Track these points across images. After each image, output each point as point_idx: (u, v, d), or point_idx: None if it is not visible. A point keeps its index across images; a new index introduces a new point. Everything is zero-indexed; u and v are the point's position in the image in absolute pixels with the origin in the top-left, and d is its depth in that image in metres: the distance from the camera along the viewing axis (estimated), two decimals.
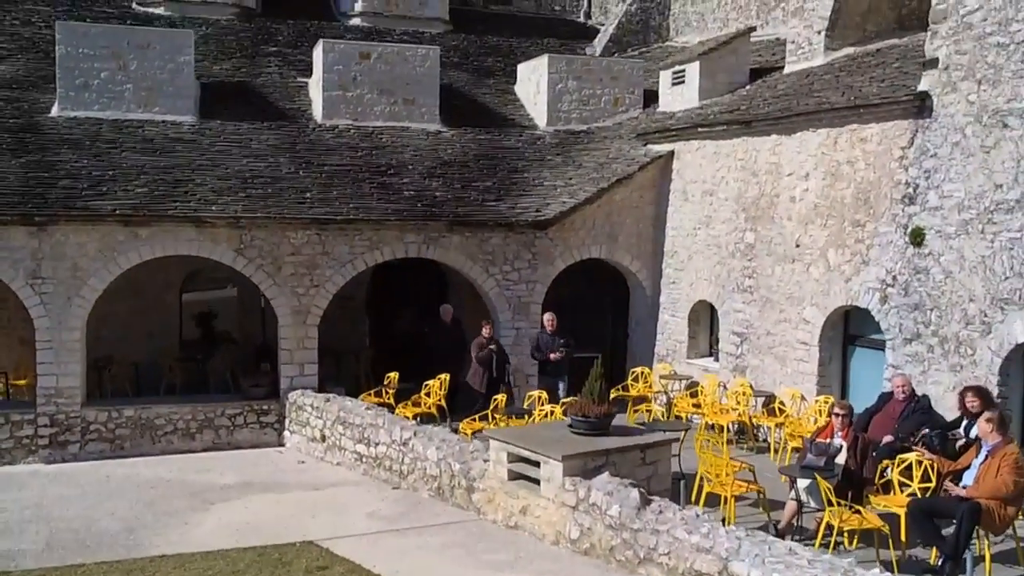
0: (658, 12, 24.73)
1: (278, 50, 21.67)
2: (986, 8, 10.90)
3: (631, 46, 24.53)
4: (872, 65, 14.45)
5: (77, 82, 16.99)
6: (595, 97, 19.66)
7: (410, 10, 24.41)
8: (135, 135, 16.66)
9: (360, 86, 18.44)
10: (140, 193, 14.69)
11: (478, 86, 21.37)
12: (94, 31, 17.20)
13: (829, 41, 16.64)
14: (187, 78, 17.59)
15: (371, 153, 17.33)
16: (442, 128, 18.75)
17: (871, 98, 12.25)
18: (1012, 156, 10.43)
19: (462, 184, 16.64)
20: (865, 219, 12.30)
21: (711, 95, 17.87)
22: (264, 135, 17.38)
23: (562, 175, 17.28)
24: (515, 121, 19.74)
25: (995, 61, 10.72)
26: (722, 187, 15.01)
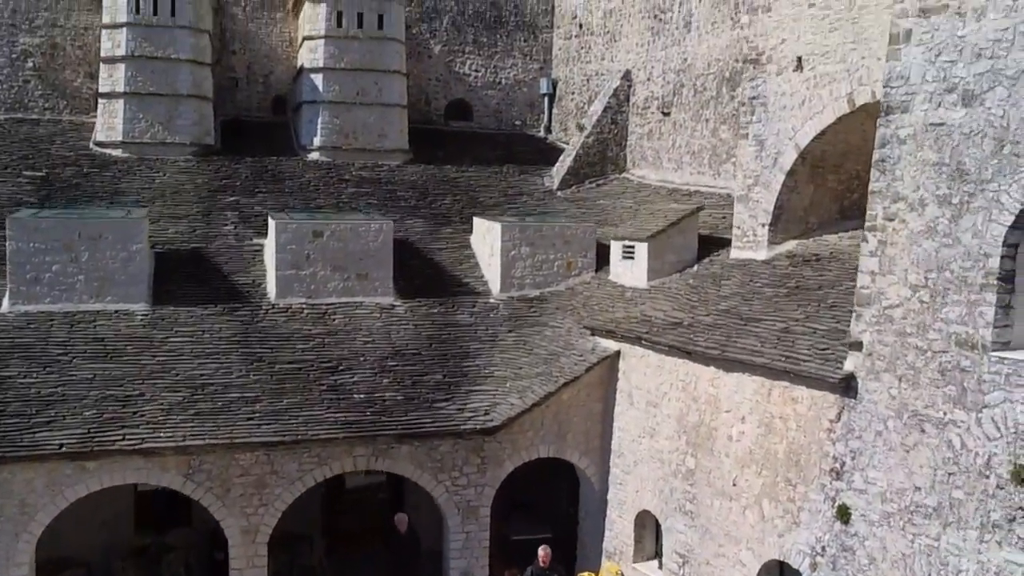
0: (615, 144, 25.03)
1: (236, 199, 21.78)
2: (905, 307, 11.22)
3: (588, 178, 24.84)
4: (811, 287, 14.77)
5: (28, 276, 17.08)
6: (548, 262, 19.92)
7: (369, 143, 24.62)
8: (87, 333, 16.75)
9: (313, 264, 18.60)
10: (88, 418, 14.79)
11: (435, 238, 21.57)
12: (45, 225, 17.25)
13: (772, 235, 17.01)
14: (139, 265, 17.69)
15: (323, 342, 17.49)
16: (395, 302, 18.94)
17: (801, 365, 12.53)
18: (930, 463, 10.75)
19: (413, 380, 16.84)
20: (796, 480, 12.61)
21: (659, 275, 18.23)
22: (217, 324, 17.50)
23: (513, 363, 17.51)
24: (469, 286, 19.95)
25: (914, 363, 11.04)
26: (665, 403, 15.30)
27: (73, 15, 24.88)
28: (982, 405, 10.17)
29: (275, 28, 26.27)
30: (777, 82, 16.70)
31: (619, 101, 24.89)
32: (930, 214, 10.98)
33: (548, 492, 18.64)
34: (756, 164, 17.15)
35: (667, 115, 23.34)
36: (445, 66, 27.90)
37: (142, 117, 23.13)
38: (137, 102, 23.14)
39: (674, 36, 23.17)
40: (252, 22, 26.12)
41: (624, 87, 24.89)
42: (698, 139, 22.12)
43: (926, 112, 11.14)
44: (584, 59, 27.32)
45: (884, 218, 11.60)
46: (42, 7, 24.75)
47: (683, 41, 22.82)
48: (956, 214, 10.67)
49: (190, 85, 23.52)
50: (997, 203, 10.19)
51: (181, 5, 23.42)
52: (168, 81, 23.29)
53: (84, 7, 24.80)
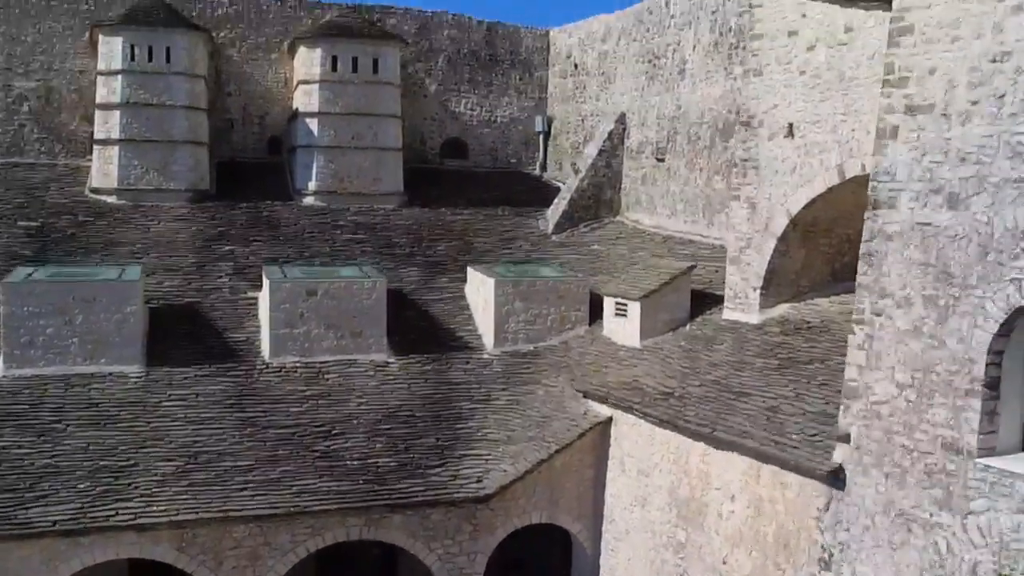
0: (610, 186, 25.07)
1: (231, 249, 21.81)
2: (892, 404, 11.28)
3: (583, 221, 24.89)
4: (802, 359, 14.83)
5: (23, 340, 17.13)
6: (541, 317, 19.98)
7: (364, 187, 24.66)
8: (81, 398, 16.83)
9: (307, 322, 18.66)
10: (82, 491, 14.85)
11: (430, 288, 21.62)
12: (39, 289, 17.31)
13: (764, 299, 17.07)
14: (134, 327, 17.74)
15: (317, 405, 17.56)
16: (389, 359, 19.00)
17: (789, 451, 12.59)
18: (916, 565, 10.82)
19: (406, 444, 16.92)
20: (786, 565, 12.68)
21: (652, 334, 18.29)
22: (211, 386, 17.56)
23: (506, 424, 17.59)
24: (463, 340, 20.01)
25: (901, 461, 11.11)
26: (656, 473, 15.37)
27: (69, 59, 24.91)
28: (967, 511, 10.24)
29: (270, 69, 26.29)
30: (769, 146, 16.76)
31: (613, 144, 24.93)
32: (916, 313, 11.04)
33: (542, 553, 18.69)
34: (748, 226, 17.21)
35: (661, 161, 23.39)
36: (440, 105, 27.94)
37: (137, 164, 23.18)
38: (132, 149, 23.19)
39: (668, 82, 23.22)
40: (247, 63, 26.15)
41: (619, 130, 24.94)
42: (692, 187, 22.17)
43: (912, 211, 11.20)
44: (579, 99, 27.37)
45: (872, 312, 11.66)
46: (38, 51, 24.77)
47: (677, 88, 22.87)
48: (942, 316, 10.73)
49: (185, 131, 23.57)
50: (982, 310, 10.26)
51: (176, 52, 23.47)
52: (163, 128, 23.34)
53: (80, 51, 24.82)
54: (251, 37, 26.14)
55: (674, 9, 23.00)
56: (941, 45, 10.97)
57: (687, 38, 22.50)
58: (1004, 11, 10.24)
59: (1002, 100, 10.19)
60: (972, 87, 10.54)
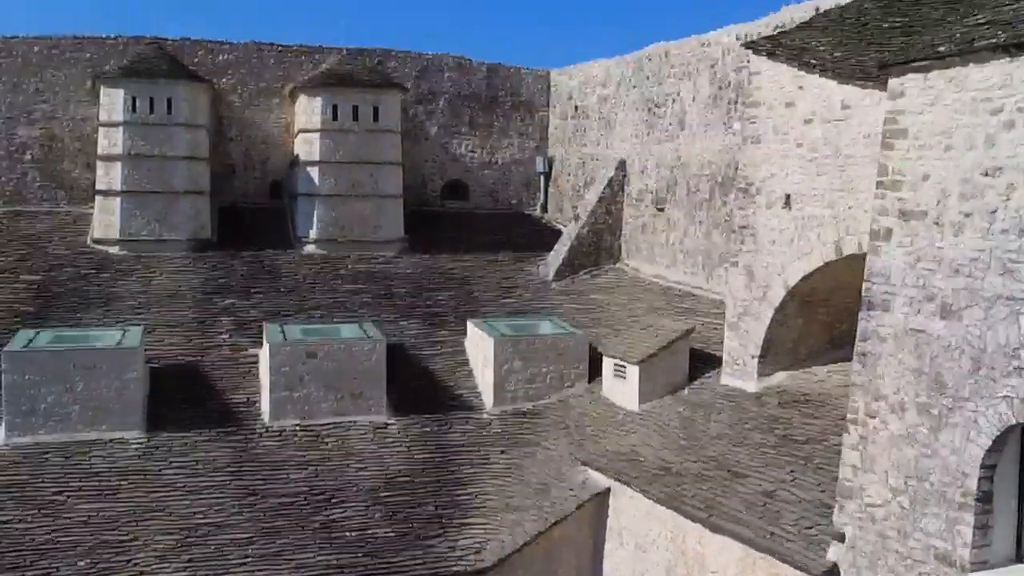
0: (610, 233, 25.12)
1: (231, 302, 21.91)
2: (887, 509, 11.31)
3: (583, 268, 24.95)
4: (799, 438, 14.86)
5: (24, 408, 17.24)
6: (541, 375, 20.04)
7: (365, 234, 24.77)
8: (82, 467, 16.93)
9: (307, 385, 18.74)
10: (82, 569, 14.96)
11: (430, 342, 21.68)
12: (40, 357, 17.41)
13: (762, 367, 17.09)
14: (134, 393, 17.85)
15: (316, 471, 17.64)
16: (389, 420, 19.08)
17: (785, 545, 12.62)
18: None
19: (405, 513, 16.99)
20: None
21: (650, 397, 18.34)
22: (211, 452, 17.66)
23: (505, 491, 17.65)
24: (463, 399, 20.08)
25: (895, 567, 11.14)
26: (654, 550, 15.40)
27: (71, 107, 25.06)
28: None
29: (271, 114, 26.41)
30: (766, 215, 16.77)
31: (614, 191, 24.98)
32: (910, 420, 11.06)
33: None
34: (745, 293, 17.23)
35: (661, 211, 23.43)
36: (441, 147, 28.03)
37: (139, 214, 23.30)
38: (134, 199, 23.32)
39: (668, 132, 23.26)
40: (249, 109, 26.26)
41: (619, 177, 24.98)
42: (691, 239, 22.21)
43: (906, 316, 11.22)
44: (580, 141, 27.43)
45: (865, 413, 11.68)
46: (40, 99, 24.93)
47: (677, 138, 22.91)
48: (935, 426, 10.75)
49: (186, 181, 23.69)
50: (975, 424, 10.27)
51: (177, 103, 23.60)
52: (164, 178, 23.47)
53: (82, 99, 24.97)
54: (252, 83, 26.27)
55: (674, 59, 23.03)
56: (934, 152, 10.99)
57: (686, 89, 22.54)
58: (997, 125, 10.26)
59: (994, 216, 10.21)
60: (964, 199, 10.57)
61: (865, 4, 16.25)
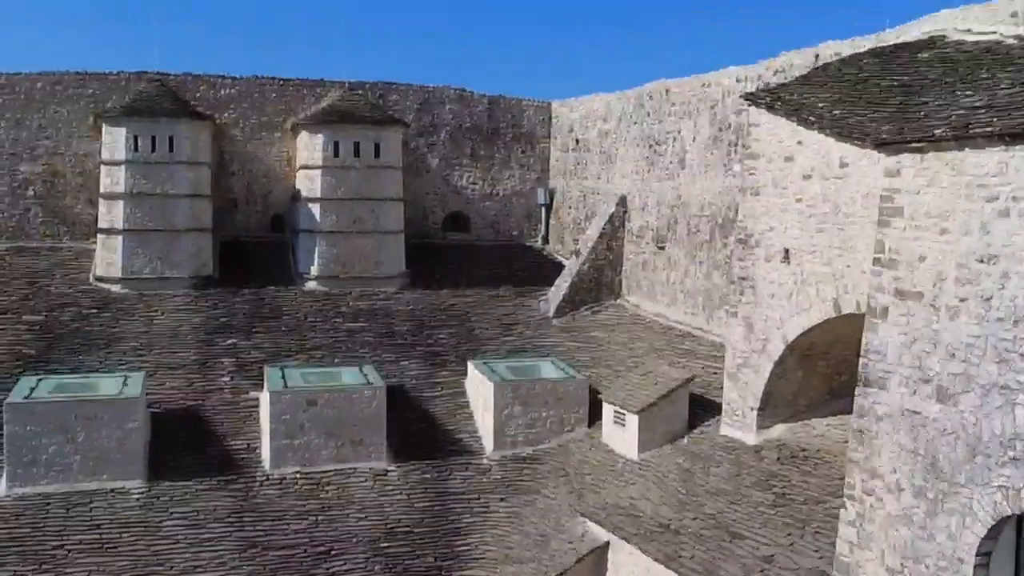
0: (611, 269, 25.13)
1: (233, 343, 21.96)
2: None
3: (584, 304, 24.96)
4: (797, 498, 14.87)
5: (25, 459, 17.30)
6: (541, 420, 20.06)
7: (366, 270, 24.81)
8: (83, 518, 16.99)
9: (307, 432, 18.77)
10: None
11: (430, 383, 21.72)
12: (41, 408, 17.47)
13: (761, 419, 17.09)
14: (135, 443, 17.90)
15: (316, 521, 17.68)
16: (389, 466, 19.11)
17: None
18: None
19: (404, 566, 17.08)
20: None
21: (650, 446, 18.35)
22: (212, 502, 17.70)
23: (504, 541, 17.69)
24: (463, 443, 20.11)
25: None
26: None
27: (73, 142, 25.17)
28: None
29: (273, 148, 26.48)
30: (766, 268, 16.77)
31: (614, 227, 25.00)
32: (906, 501, 11.08)
33: None
34: (745, 345, 17.23)
35: (662, 248, 23.44)
36: (443, 179, 28.07)
37: (141, 252, 23.38)
38: (136, 238, 23.40)
39: (668, 170, 23.27)
40: (250, 143, 26.33)
41: (619, 213, 25.00)
42: (691, 279, 22.22)
43: (902, 396, 11.24)
44: (581, 175, 27.46)
45: (862, 491, 11.70)
46: (42, 135, 25.03)
47: (677, 176, 22.91)
48: (931, 510, 10.76)
49: (188, 219, 23.77)
50: (971, 511, 10.28)
51: (179, 141, 23.68)
52: (166, 216, 23.55)
53: (84, 134, 25.07)
54: (254, 116, 26.34)
55: (674, 97, 23.04)
56: (930, 234, 11.01)
57: (687, 128, 22.54)
58: (991, 213, 10.28)
59: (989, 303, 10.22)
60: (960, 283, 10.58)
61: (864, 59, 16.27)
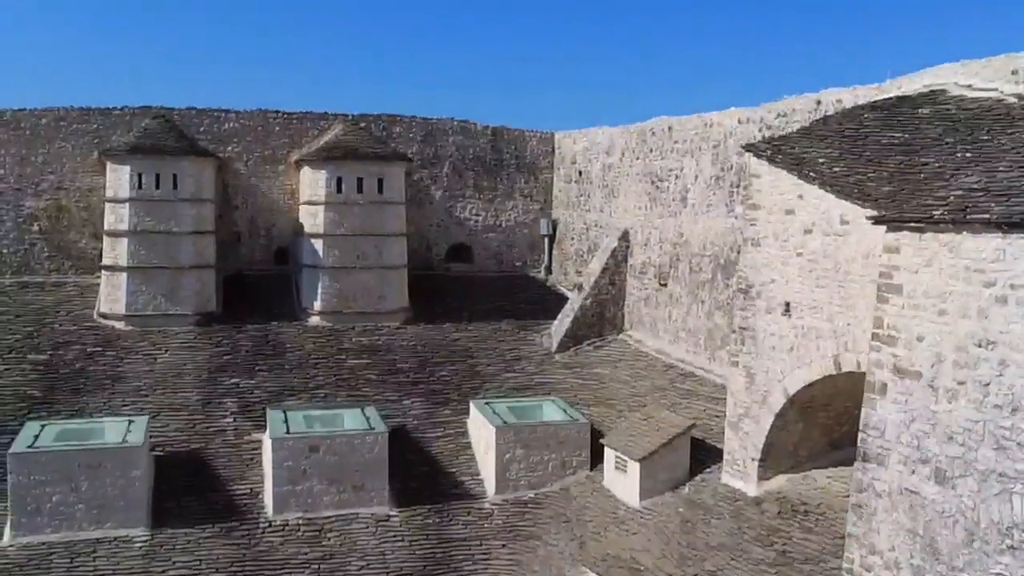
0: (613, 303, 25.16)
1: (235, 382, 22.03)
2: None
3: (586, 339, 24.99)
4: (797, 556, 14.88)
5: (30, 508, 17.39)
6: (543, 463, 20.10)
7: (369, 305, 24.87)
8: (86, 568, 17.08)
9: (310, 478, 18.83)
10: None
11: (433, 423, 21.77)
12: (45, 458, 17.55)
13: (762, 471, 17.09)
14: (139, 491, 17.97)
15: (319, 570, 17.73)
16: (391, 511, 19.16)
17: None
18: None
19: None
20: None
21: (651, 493, 18.36)
22: (215, 550, 17.77)
23: None
24: (465, 486, 20.15)
25: None
26: None
27: (78, 177, 25.28)
28: None
29: (276, 181, 26.56)
30: (767, 320, 16.77)
31: (617, 262, 25.03)
32: None
33: None
34: (746, 395, 17.24)
35: (664, 286, 23.46)
36: (446, 211, 28.13)
37: (145, 289, 23.48)
38: (140, 275, 23.50)
39: (670, 207, 23.27)
40: (254, 176, 26.42)
41: (622, 248, 25.03)
42: (693, 318, 22.23)
43: (901, 474, 11.24)
44: (584, 207, 27.48)
45: (861, 566, 11.71)
46: (47, 171, 25.15)
47: (679, 214, 22.92)
48: None
49: (192, 256, 23.86)
50: None
51: (183, 178, 23.77)
52: (170, 254, 23.64)
53: (89, 169, 25.17)
54: (258, 150, 26.43)
55: (676, 135, 23.05)
56: (928, 314, 11.01)
57: (689, 166, 22.55)
58: (989, 298, 10.27)
59: (987, 388, 10.22)
60: (959, 366, 10.58)
61: (865, 113, 16.27)
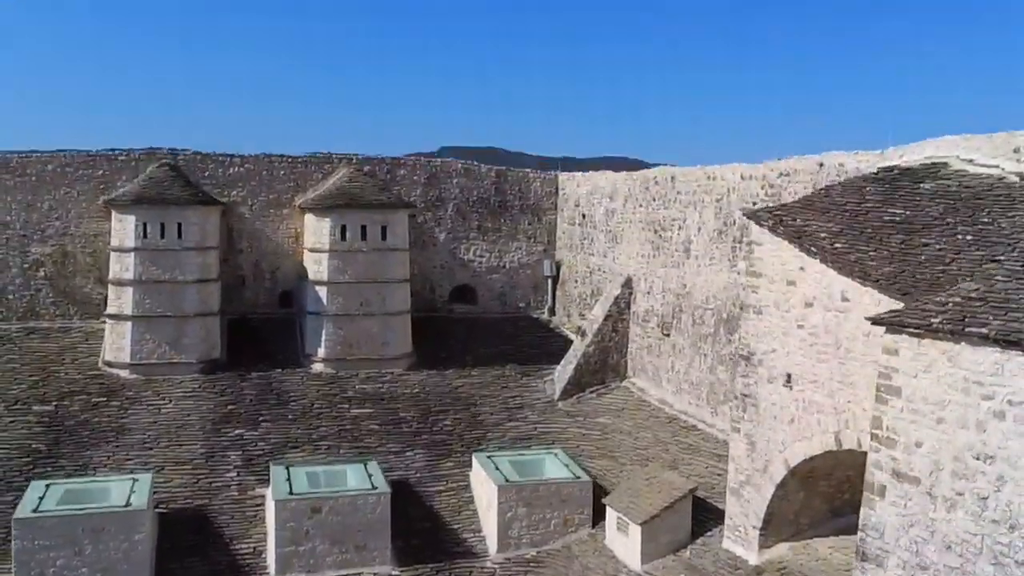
0: (616, 351, 25.19)
1: (239, 433, 22.12)
2: None
3: (589, 386, 25.02)
4: None
5: (33, 572, 17.47)
6: (545, 520, 20.12)
7: (372, 351, 24.94)
8: None
9: (312, 539, 18.89)
10: None
11: (435, 476, 21.80)
12: (49, 523, 17.62)
13: (763, 539, 17.10)
14: (142, 554, 18.05)
15: None
16: (393, 571, 19.21)
17: None
18: None
19: None
20: None
21: (653, 556, 18.37)
22: None
23: None
24: (467, 543, 20.19)
25: None
26: None
27: (84, 223, 25.40)
28: None
29: (281, 224, 26.64)
30: (768, 389, 16.78)
31: (620, 309, 25.05)
32: None
33: None
34: (748, 463, 17.25)
35: (667, 335, 23.47)
36: (450, 252, 28.19)
37: (149, 338, 23.59)
38: (144, 324, 23.61)
39: (673, 257, 23.28)
40: (259, 220, 26.51)
41: (625, 294, 25.05)
42: (696, 370, 22.24)
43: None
44: (587, 250, 27.51)
45: None
46: (53, 217, 25.28)
47: (682, 265, 22.93)
48: None
49: (196, 304, 23.97)
50: None
51: (188, 227, 23.89)
52: (175, 302, 23.75)
53: (94, 215, 25.30)
54: (263, 194, 26.52)
55: (680, 185, 23.07)
56: (927, 421, 11.02)
57: (692, 218, 22.57)
58: (987, 412, 10.28)
59: (985, 503, 10.23)
60: (957, 477, 10.59)
61: (867, 186, 16.28)
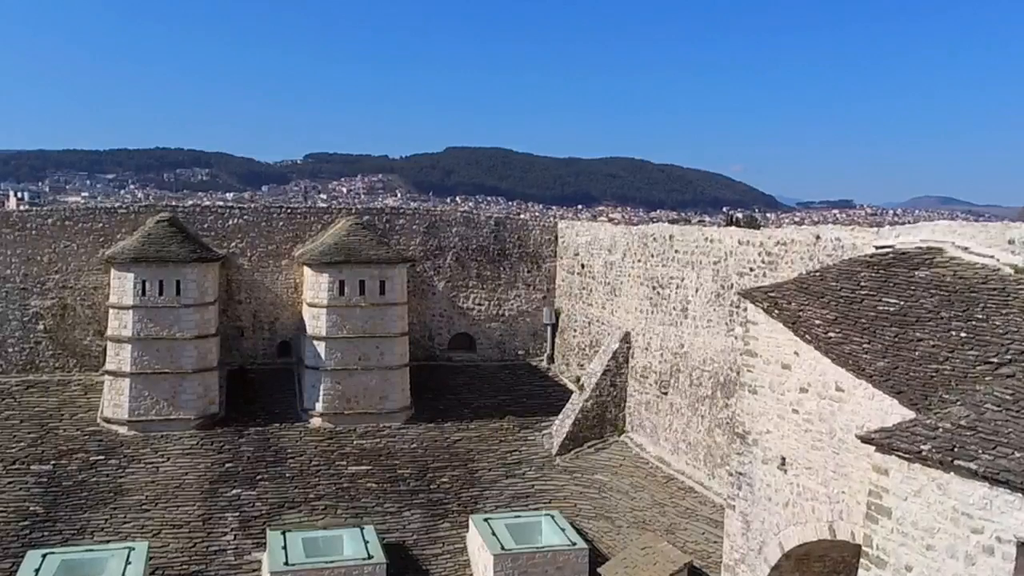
0: (614, 405, 25.17)
1: (237, 493, 22.14)
2: None
3: (587, 440, 24.99)
4: None
5: None
6: None
7: (371, 406, 24.98)
8: None
9: None
10: None
11: (432, 539, 21.79)
12: None
13: None
14: None
15: None
16: None
17: None
18: None
19: None
20: None
21: None
22: None
23: None
24: None
25: None
26: None
27: (83, 276, 25.47)
28: None
29: (280, 275, 26.68)
30: (763, 470, 16.74)
31: (618, 363, 25.02)
32: None
33: None
34: (742, 541, 17.22)
35: (665, 394, 23.45)
36: (449, 301, 28.20)
37: (148, 395, 23.65)
38: (143, 381, 23.67)
39: (671, 316, 23.25)
40: (258, 271, 26.55)
41: (623, 349, 25.02)
42: (694, 431, 22.20)
43: None
44: (586, 300, 27.49)
45: None
46: (52, 270, 25.36)
47: (680, 324, 22.89)
48: None
49: (195, 360, 24.00)
50: None
51: (186, 284, 23.93)
52: (173, 359, 23.80)
53: (94, 267, 25.37)
54: (262, 245, 26.56)
55: (678, 245, 23.04)
56: (917, 546, 10.98)
57: (690, 278, 22.53)
58: (977, 546, 10.24)
59: None
60: None
61: (861, 271, 16.24)
